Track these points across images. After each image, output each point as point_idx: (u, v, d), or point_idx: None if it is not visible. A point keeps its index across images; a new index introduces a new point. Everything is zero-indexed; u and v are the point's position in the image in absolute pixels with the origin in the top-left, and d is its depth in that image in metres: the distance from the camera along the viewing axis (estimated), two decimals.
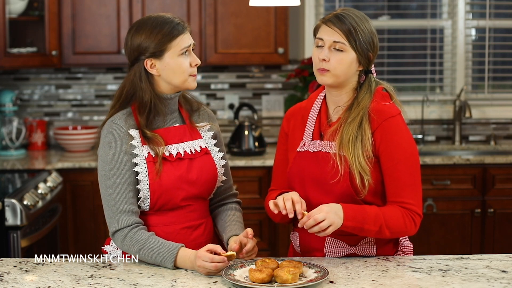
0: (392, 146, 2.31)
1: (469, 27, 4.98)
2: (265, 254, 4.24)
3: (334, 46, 2.32)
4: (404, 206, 2.30)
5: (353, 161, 2.28)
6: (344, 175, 2.29)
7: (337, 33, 2.31)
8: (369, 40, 2.34)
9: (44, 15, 4.41)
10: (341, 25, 2.31)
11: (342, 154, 2.30)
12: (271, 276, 2.08)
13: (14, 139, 4.58)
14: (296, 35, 4.89)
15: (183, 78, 2.35)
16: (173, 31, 2.32)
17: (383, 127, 2.32)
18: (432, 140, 5.00)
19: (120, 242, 2.30)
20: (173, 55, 2.33)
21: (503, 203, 4.41)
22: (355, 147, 2.29)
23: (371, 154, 2.30)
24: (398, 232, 2.31)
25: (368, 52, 2.34)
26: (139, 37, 2.33)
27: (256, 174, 4.32)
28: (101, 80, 4.89)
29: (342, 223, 2.22)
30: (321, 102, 2.45)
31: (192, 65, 2.36)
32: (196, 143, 2.43)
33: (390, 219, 2.27)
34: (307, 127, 2.44)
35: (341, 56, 2.32)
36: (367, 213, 2.25)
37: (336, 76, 2.33)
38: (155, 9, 4.47)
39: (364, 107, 2.33)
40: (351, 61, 2.33)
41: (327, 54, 2.32)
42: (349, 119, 2.33)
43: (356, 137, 2.30)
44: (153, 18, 2.35)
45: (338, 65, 2.32)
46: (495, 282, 2.11)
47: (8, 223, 3.44)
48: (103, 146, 2.34)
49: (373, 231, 2.26)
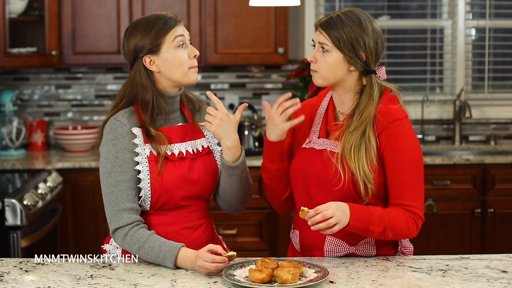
0: (397, 149, 2.30)
1: (469, 27, 4.98)
2: (265, 254, 4.24)
3: (321, 47, 2.34)
4: (407, 209, 2.30)
5: (357, 170, 2.27)
6: (348, 181, 2.29)
7: (322, 35, 2.34)
8: (357, 40, 2.31)
9: (44, 15, 4.41)
10: (326, 26, 2.33)
11: (345, 162, 2.30)
12: (271, 276, 2.08)
13: (14, 139, 4.58)
14: (296, 35, 4.90)
15: (182, 71, 2.35)
16: (166, 25, 2.33)
17: (389, 129, 2.31)
18: (432, 140, 5.00)
19: (121, 240, 2.30)
20: (169, 48, 2.33)
21: (503, 203, 4.41)
22: (359, 155, 2.28)
23: (375, 163, 2.30)
24: (401, 235, 2.30)
25: (357, 52, 2.32)
26: (134, 38, 2.34)
27: (256, 174, 4.29)
28: (101, 80, 4.89)
29: (348, 223, 2.21)
30: (329, 100, 2.46)
31: (190, 56, 2.36)
32: (198, 143, 2.43)
33: (394, 221, 2.27)
34: (314, 124, 2.44)
35: (326, 56, 2.33)
36: (372, 214, 2.24)
37: (324, 77, 2.35)
38: (155, 9, 4.47)
39: (368, 116, 2.31)
40: (337, 61, 2.32)
41: (314, 55, 2.36)
42: (351, 128, 2.32)
43: (360, 146, 2.29)
44: (145, 18, 2.38)
45: (324, 66, 2.34)
46: (495, 282, 2.11)
47: (8, 223, 3.44)
48: (106, 143, 2.34)
49: (376, 232, 2.25)
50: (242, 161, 2.38)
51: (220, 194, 2.48)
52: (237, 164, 2.37)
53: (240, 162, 2.38)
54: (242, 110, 2.34)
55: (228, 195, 2.46)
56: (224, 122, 2.32)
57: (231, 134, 2.33)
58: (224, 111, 2.33)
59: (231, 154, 2.36)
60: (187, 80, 2.37)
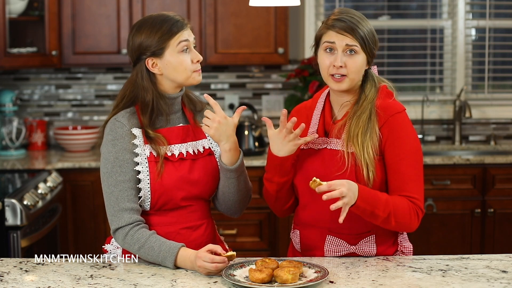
0: (398, 141, 2.32)
1: (469, 27, 4.98)
2: (265, 254, 4.24)
3: (347, 49, 2.32)
4: (410, 200, 2.30)
5: (361, 154, 2.28)
6: (350, 169, 2.30)
7: (347, 37, 2.31)
8: (372, 38, 2.35)
9: (44, 15, 4.41)
10: (349, 28, 2.31)
11: (350, 151, 2.31)
12: (271, 276, 2.08)
13: (14, 139, 4.58)
14: (296, 35, 4.90)
15: (185, 75, 2.35)
16: (172, 28, 2.32)
17: (389, 122, 2.33)
18: (432, 140, 5.00)
19: (121, 240, 2.30)
20: (173, 52, 2.33)
21: (503, 203, 4.41)
22: (365, 139, 2.29)
23: (378, 149, 2.31)
24: (403, 223, 2.30)
25: (373, 50, 2.36)
26: (139, 37, 2.34)
27: (256, 174, 4.32)
28: (101, 80, 4.89)
29: (355, 202, 2.20)
30: (325, 100, 2.46)
31: (193, 61, 2.36)
32: (199, 144, 2.43)
33: (398, 208, 2.27)
34: (311, 126, 2.44)
35: (355, 58, 2.32)
36: (379, 198, 2.25)
37: (352, 80, 2.34)
38: (155, 9, 4.47)
39: (371, 100, 2.35)
40: (363, 63, 2.35)
41: (342, 59, 2.32)
42: (358, 113, 2.33)
43: (366, 129, 2.30)
44: (153, 17, 2.36)
45: (354, 69, 2.32)
46: (495, 282, 2.11)
47: (8, 223, 3.44)
48: (106, 144, 2.34)
49: (381, 217, 2.25)
50: (240, 163, 2.38)
51: (218, 197, 2.48)
52: (235, 167, 2.37)
53: (238, 165, 2.37)
54: (240, 112, 2.33)
55: (226, 198, 2.45)
56: (223, 125, 2.31)
57: (229, 137, 2.33)
58: (222, 114, 2.32)
59: (229, 156, 2.36)
60: (190, 82, 2.38)
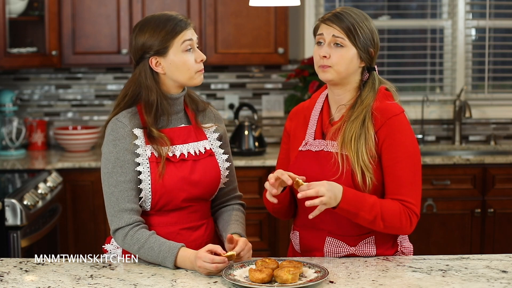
0: (395, 144, 2.31)
1: (469, 27, 4.98)
2: (265, 254, 4.24)
3: (334, 41, 2.33)
4: (403, 204, 2.30)
5: (355, 160, 2.28)
6: (346, 173, 2.29)
7: (335, 29, 2.32)
8: (369, 36, 2.35)
9: (44, 15, 4.41)
10: (340, 22, 2.32)
11: (344, 153, 2.31)
12: (271, 276, 2.08)
13: (14, 139, 4.58)
14: (296, 35, 4.90)
15: (189, 75, 2.35)
16: (176, 28, 2.32)
17: (387, 125, 2.32)
18: (432, 140, 5.00)
19: (121, 240, 2.30)
20: (177, 51, 2.32)
21: (503, 203, 4.41)
22: (359, 145, 2.29)
23: (374, 153, 2.31)
24: (392, 227, 2.30)
25: (368, 48, 2.35)
26: (142, 36, 2.33)
27: (256, 174, 4.32)
28: (101, 80, 4.89)
29: (338, 205, 2.21)
30: (323, 101, 2.46)
31: (197, 61, 2.36)
32: (200, 144, 2.42)
33: (387, 212, 2.27)
34: (309, 127, 2.44)
35: (342, 51, 2.32)
36: (365, 200, 2.25)
37: (337, 72, 2.33)
38: (155, 9, 4.47)
39: (367, 105, 2.34)
40: (352, 57, 2.33)
41: (327, 50, 2.33)
42: (352, 117, 2.33)
43: (360, 135, 2.30)
44: (156, 17, 2.36)
45: (339, 61, 2.32)
46: (495, 282, 2.11)
47: (8, 223, 3.44)
48: (107, 144, 2.34)
49: (367, 219, 2.25)
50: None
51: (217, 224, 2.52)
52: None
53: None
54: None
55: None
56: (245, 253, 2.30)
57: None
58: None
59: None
60: (193, 83, 2.37)
